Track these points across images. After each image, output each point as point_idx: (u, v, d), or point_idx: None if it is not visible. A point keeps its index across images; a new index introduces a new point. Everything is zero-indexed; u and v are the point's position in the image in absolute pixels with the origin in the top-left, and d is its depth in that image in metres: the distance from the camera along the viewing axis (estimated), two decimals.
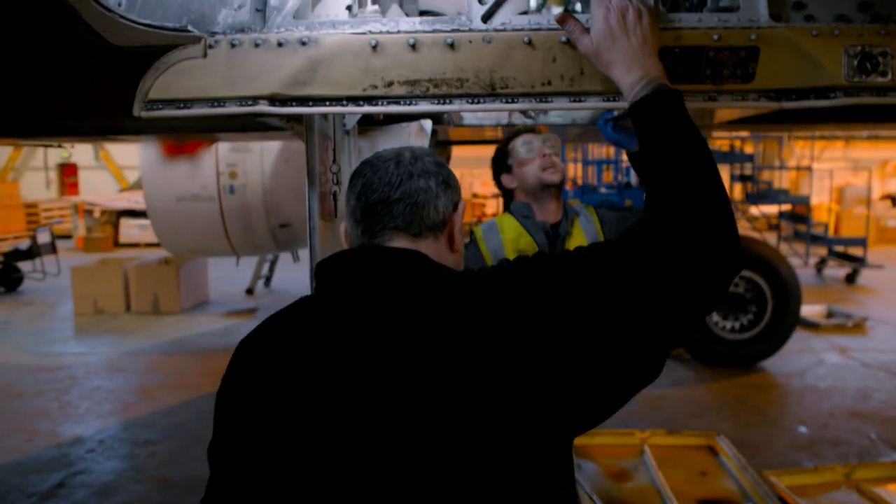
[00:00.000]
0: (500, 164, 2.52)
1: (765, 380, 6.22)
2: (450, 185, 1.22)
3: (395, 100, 1.40)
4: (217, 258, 9.18)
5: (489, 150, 2.74)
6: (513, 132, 2.56)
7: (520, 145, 2.46)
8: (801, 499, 3.72)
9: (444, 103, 1.41)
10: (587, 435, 4.43)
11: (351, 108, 1.42)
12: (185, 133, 3.21)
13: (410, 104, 1.41)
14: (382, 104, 1.40)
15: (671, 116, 1.24)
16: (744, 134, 12.22)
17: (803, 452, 4.59)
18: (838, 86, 1.40)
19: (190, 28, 1.41)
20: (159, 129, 2.94)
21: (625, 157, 9.22)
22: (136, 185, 16.00)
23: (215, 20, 1.43)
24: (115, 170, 20.61)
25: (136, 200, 13.87)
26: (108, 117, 2.78)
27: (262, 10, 1.43)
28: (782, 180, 15.99)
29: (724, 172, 12.92)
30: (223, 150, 6.14)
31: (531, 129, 2.54)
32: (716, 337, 6.49)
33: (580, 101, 1.41)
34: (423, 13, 1.61)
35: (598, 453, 4.34)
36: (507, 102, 1.40)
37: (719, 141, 12.65)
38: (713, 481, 4.04)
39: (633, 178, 8.58)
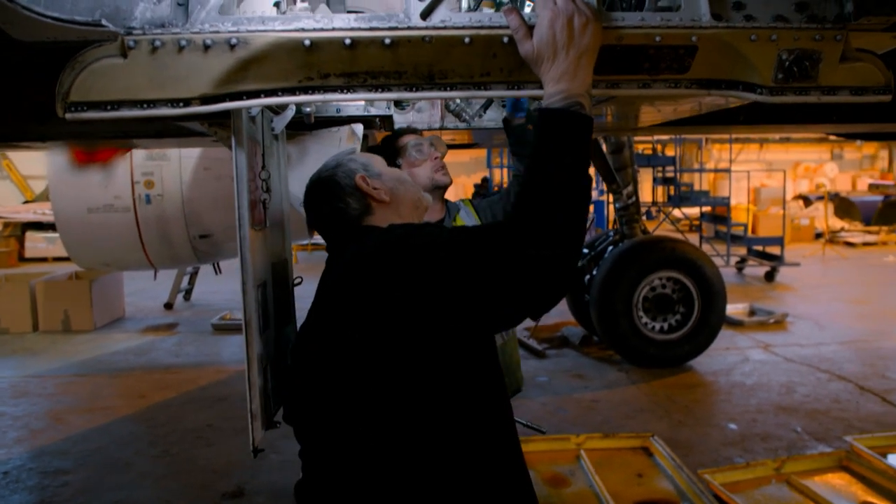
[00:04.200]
0: (389, 163, 2.52)
1: (694, 378, 6.35)
2: (333, 184, 1.64)
3: (333, 89, 1.37)
4: (133, 272, 8.77)
5: None
6: (396, 131, 2.62)
7: (411, 147, 2.52)
8: (735, 495, 3.78)
9: (382, 91, 1.39)
10: (521, 442, 4.41)
11: (287, 98, 1.37)
12: (96, 139, 2.98)
13: (348, 92, 1.38)
14: (319, 93, 1.37)
15: (566, 136, 1.29)
16: (665, 137, 12.58)
17: (734, 448, 4.69)
18: (765, 85, 1.42)
19: (104, 23, 1.29)
20: (66, 135, 2.72)
21: None
22: (43, 196, 15.24)
23: (132, 14, 1.32)
24: (19, 179, 19.54)
25: (42, 212, 13.21)
26: (6, 122, 2.54)
27: (184, 4, 1.32)
28: (702, 182, 16.59)
29: (647, 175, 13.29)
30: (138, 157, 5.84)
31: (415, 131, 2.62)
32: (646, 338, 6.57)
33: (519, 88, 1.42)
34: (349, 13, 1.53)
35: (534, 460, 4.31)
36: (445, 91, 1.40)
37: (642, 144, 12.99)
38: (650, 482, 4.07)
39: None
